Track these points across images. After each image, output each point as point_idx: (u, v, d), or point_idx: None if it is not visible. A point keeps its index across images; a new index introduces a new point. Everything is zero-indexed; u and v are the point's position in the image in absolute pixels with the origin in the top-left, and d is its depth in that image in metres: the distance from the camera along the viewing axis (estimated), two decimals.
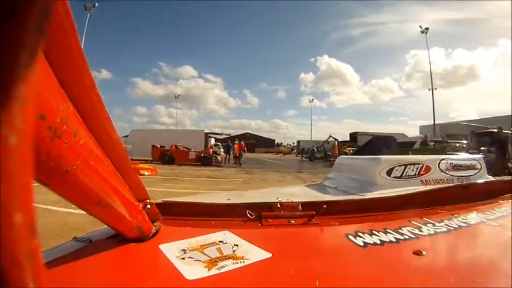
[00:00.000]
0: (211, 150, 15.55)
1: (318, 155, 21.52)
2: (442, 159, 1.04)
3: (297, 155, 34.19)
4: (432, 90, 25.07)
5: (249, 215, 0.59)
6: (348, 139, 29.93)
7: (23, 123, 0.14)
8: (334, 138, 23.51)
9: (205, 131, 18.29)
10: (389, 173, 0.97)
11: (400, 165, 0.98)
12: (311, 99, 56.43)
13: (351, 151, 19.43)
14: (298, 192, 1.16)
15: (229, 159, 15.30)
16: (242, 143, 16.39)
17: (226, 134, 21.68)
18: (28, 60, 0.14)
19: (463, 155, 1.12)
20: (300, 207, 0.62)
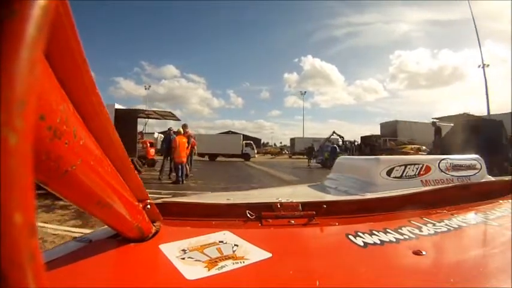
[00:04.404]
0: (152, 151, 8.94)
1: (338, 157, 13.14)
2: (442, 159, 1.04)
3: (290, 157, 29.92)
4: (483, 67, 21.23)
5: (249, 215, 0.59)
6: (362, 136, 21.14)
7: (23, 123, 0.14)
8: (337, 135, 19.36)
9: (116, 107, 8.81)
10: (389, 173, 0.97)
11: (400, 166, 0.98)
12: (303, 92, 53.90)
13: (422, 150, 11.67)
14: (298, 192, 1.16)
15: (170, 169, 7.31)
16: (192, 137, 7.61)
17: (171, 115, 10.76)
18: (28, 60, 0.14)
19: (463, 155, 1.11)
20: (300, 207, 0.62)
